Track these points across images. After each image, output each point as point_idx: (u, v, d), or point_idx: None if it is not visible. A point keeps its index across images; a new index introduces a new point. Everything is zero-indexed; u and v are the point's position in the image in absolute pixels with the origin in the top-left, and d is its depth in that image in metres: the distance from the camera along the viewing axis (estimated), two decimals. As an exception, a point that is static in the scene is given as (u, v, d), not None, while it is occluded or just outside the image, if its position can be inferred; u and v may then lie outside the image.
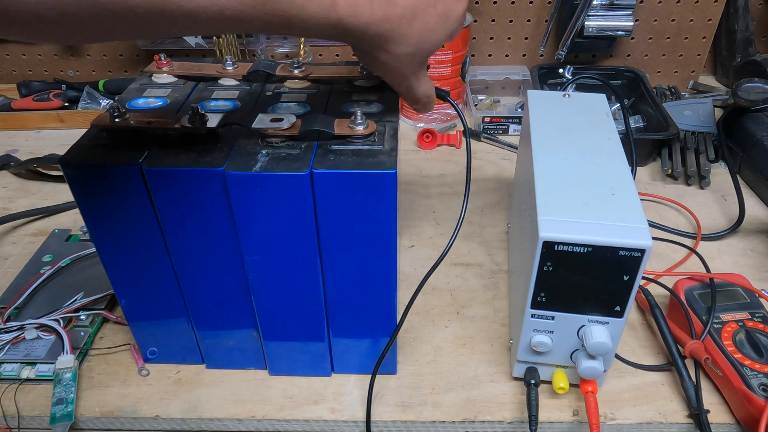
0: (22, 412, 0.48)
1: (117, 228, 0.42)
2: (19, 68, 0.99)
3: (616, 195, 0.43)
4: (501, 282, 0.61)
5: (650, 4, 0.90)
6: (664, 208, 0.71)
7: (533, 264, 0.41)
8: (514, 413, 0.48)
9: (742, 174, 0.76)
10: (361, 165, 0.38)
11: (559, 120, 0.53)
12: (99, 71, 0.99)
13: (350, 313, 0.46)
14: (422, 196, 0.74)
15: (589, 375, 0.45)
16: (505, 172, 0.78)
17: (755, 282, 0.56)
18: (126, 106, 0.44)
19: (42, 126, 0.89)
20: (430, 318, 0.57)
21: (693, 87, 0.97)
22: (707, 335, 0.49)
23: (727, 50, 0.95)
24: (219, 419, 0.48)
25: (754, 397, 0.44)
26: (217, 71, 0.49)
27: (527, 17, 0.92)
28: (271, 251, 0.42)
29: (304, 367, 0.50)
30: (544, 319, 0.44)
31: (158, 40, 0.94)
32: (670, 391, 0.49)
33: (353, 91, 0.48)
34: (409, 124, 0.90)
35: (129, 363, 0.52)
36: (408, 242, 0.66)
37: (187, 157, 0.39)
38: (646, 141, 0.77)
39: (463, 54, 0.84)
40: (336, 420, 0.48)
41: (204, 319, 0.48)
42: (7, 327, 0.53)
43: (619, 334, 0.43)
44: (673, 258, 0.63)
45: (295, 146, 0.40)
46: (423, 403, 0.49)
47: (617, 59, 0.96)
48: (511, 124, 0.85)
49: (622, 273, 0.40)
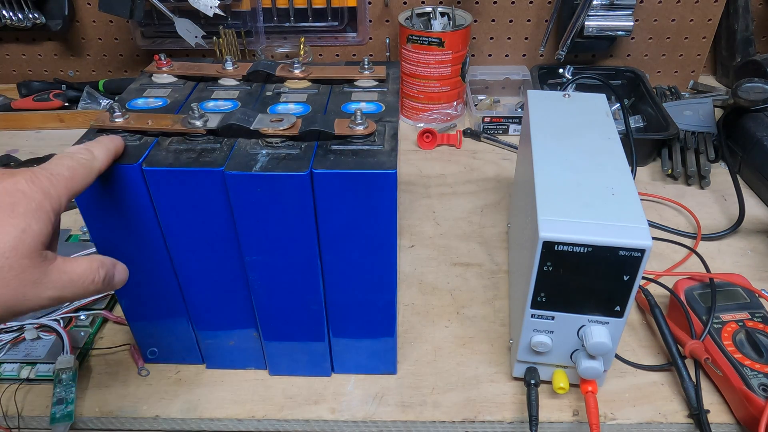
0: (22, 412, 0.48)
1: (117, 228, 0.42)
2: (19, 68, 0.98)
3: (616, 195, 0.43)
4: (501, 282, 0.61)
5: (650, 4, 0.90)
6: (664, 208, 0.71)
7: (533, 264, 0.41)
8: (514, 413, 0.48)
9: (742, 174, 0.76)
10: (361, 165, 0.38)
11: (559, 120, 0.53)
12: (99, 71, 0.99)
13: (350, 313, 0.46)
14: (422, 196, 0.74)
15: (589, 375, 0.45)
16: (505, 172, 0.78)
17: (755, 282, 0.56)
18: (126, 106, 0.44)
19: (42, 126, 0.89)
20: (430, 318, 0.57)
21: (693, 87, 0.97)
22: (707, 335, 0.49)
23: (727, 50, 0.94)
24: (219, 419, 0.48)
25: (754, 397, 0.44)
26: (217, 71, 0.49)
27: (527, 17, 0.92)
28: (271, 251, 0.41)
29: (304, 367, 0.50)
30: (544, 319, 0.44)
31: (158, 40, 0.94)
32: (670, 391, 0.49)
33: (353, 91, 0.48)
34: (409, 124, 0.90)
35: (129, 363, 0.52)
36: (408, 242, 0.66)
37: (187, 157, 0.39)
38: (646, 141, 0.77)
39: (463, 54, 0.84)
40: (336, 420, 0.48)
41: (204, 319, 0.48)
42: (7, 327, 0.53)
43: (619, 334, 0.43)
44: (673, 258, 0.63)
45: (295, 146, 0.40)
46: (423, 403, 0.49)
47: (617, 59, 0.96)
48: (511, 124, 0.85)
49: (622, 273, 0.40)
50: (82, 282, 0.31)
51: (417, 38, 0.81)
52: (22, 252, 0.28)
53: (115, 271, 0.34)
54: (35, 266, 0.28)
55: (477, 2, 0.90)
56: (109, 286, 0.34)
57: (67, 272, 0.30)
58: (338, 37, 0.94)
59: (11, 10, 0.89)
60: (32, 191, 0.29)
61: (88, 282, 0.31)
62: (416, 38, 0.81)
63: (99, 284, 0.32)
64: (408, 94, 0.88)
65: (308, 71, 0.49)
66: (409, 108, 0.89)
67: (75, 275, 0.31)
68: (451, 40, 0.81)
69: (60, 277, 0.30)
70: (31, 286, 0.28)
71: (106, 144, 0.36)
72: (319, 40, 0.94)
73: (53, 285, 0.29)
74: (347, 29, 0.94)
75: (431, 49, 0.81)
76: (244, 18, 0.90)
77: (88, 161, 0.34)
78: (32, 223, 0.28)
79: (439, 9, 0.86)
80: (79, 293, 0.31)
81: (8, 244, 0.27)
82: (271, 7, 0.90)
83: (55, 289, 0.29)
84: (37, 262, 0.29)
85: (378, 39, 0.94)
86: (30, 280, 0.28)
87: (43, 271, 0.29)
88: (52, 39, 0.95)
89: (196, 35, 0.84)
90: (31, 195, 0.29)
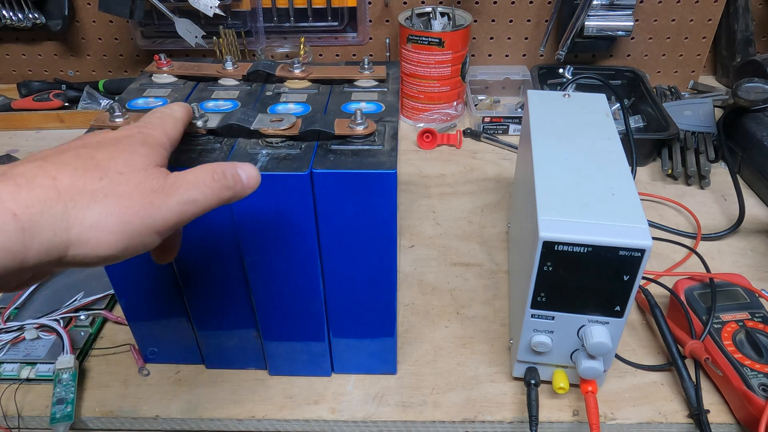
0: (22, 412, 0.48)
1: (117, 228, 0.42)
2: (19, 68, 0.98)
3: (616, 195, 0.43)
4: (501, 282, 0.61)
5: (650, 4, 0.90)
6: (664, 208, 0.71)
7: (533, 264, 0.41)
8: (514, 413, 0.48)
9: (742, 174, 0.76)
10: (361, 165, 0.38)
11: (559, 120, 0.53)
12: (99, 71, 0.99)
13: (350, 313, 0.46)
14: (422, 196, 0.74)
15: (589, 375, 0.45)
16: (505, 172, 0.78)
17: (755, 282, 0.56)
18: (126, 106, 0.44)
19: (42, 126, 0.89)
20: (430, 318, 0.57)
21: (693, 87, 0.97)
22: (707, 335, 0.49)
23: (727, 50, 0.95)
24: (219, 419, 0.48)
25: (754, 397, 0.44)
26: (217, 71, 0.49)
27: (527, 17, 0.92)
28: (271, 251, 0.41)
29: (304, 367, 0.50)
30: (544, 319, 0.44)
31: (158, 40, 0.94)
32: (670, 391, 0.49)
33: (353, 91, 0.48)
34: (409, 124, 0.90)
35: (129, 363, 0.52)
36: (408, 242, 0.66)
37: (187, 158, 0.39)
38: (646, 141, 0.77)
39: (463, 54, 0.84)
40: (336, 420, 0.48)
41: (204, 319, 0.48)
42: (7, 327, 0.53)
43: (619, 334, 0.43)
44: (673, 258, 0.63)
45: (295, 146, 0.40)
46: (423, 403, 0.49)
47: (617, 59, 0.96)
48: (511, 124, 0.85)
49: (622, 273, 0.40)
50: (203, 180, 0.31)
51: (417, 38, 0.81)
52: (135, 167, 0.29)
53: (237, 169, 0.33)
54: (152, 176, 0.29)
55: (477, 2, 0.90)
56: (238, 184, 0.33)
57: (185, 176, 0.31)
58: (338, 37, 0.94)
59: (11, 10, 0.89)
60: (132, 132, 0.32)
61: (208, 180, 0.31)
62: (416, 38, 0.82)
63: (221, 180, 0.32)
64: (408, 94, 0.88)
65: (308, 71, 0.49)
66: (409, 108, 0.89)
67: (192, 176, 0.31)
68: (451, 40, 0.81)
69: (180, 182, 0.30)
70: (155, 194, 0.29)
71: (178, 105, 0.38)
72: (319, 40, 0.94)
73: (176, 190, 0.30)
74: (347, 29, 0.94)
75: (431, 49, 0.81)
76: (244, 18, 0.90)
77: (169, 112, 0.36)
78: (138, 147, 0.30)
79: (439, 9, 0.87)
80: (207, 194, 0.31)
81: (120, 163, 0.29)
82: (271, 7, 0.90)
83: (180, 192, 0.30)
84: (152, 172, 0.30)
85: (378, 39, 0.94)
86: (150, 188, 0.29)
87: (161, 179, 0.30)
88: (52, 39, 0.95)
89: (196, 35, 0.84)
90: (131, 134, 0.32)
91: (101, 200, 0.27)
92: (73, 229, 0.26)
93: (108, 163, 0.29)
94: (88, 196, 0.27)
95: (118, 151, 0.30)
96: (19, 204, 0.25)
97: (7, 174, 0.26)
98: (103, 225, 0.27)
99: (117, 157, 0.29)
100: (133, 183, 0.29)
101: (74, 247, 0.27)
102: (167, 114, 0.36)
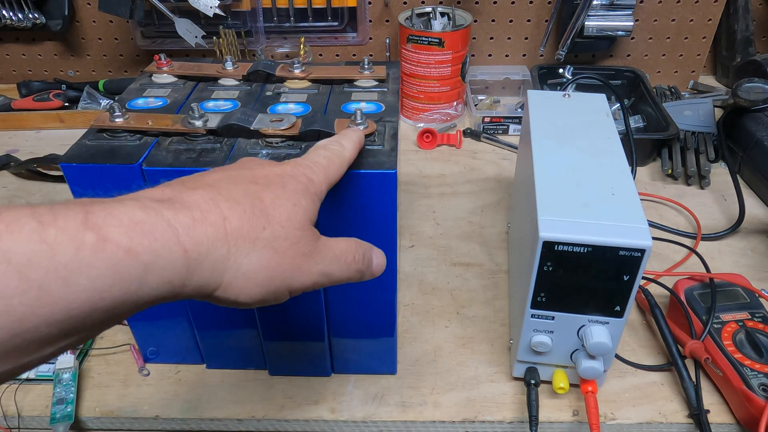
0: (22, 412, 0.48)
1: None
2: (19, 68, 0.98)
3: (616, 195, 0.43)
4: (501, 282, 0.61)
5: (650, 4, 0.90)
6: (664, 208, 0.71)
7: (533, 264, 0.41)
8: (514, 413, 0.48)
9: (742, 174, 0.76)
10: (361, 165, 0.38)
11: (559, 120, 0.53)
12: (99, 71, 0.99)
13: (350, 313, 0.46)
14: (422, 196, 0.74)
15: (589, 375, 0.45)
16: (505, 172, 0.78)
17: (755, 282, 0.56)
18: (126, 106, 0.44)
19: (42, 126, 0.89)
20: (430, 318, 0.57)
21: (693, 87, 0.97)
22: (707, 335, 0.49)
23: (727, 50, 0.94)
24: (219, 419, 0.48)
25: (754, 397, 0.44)
26: (217, 71, 0.49)
27: (527, 17, 0.92)
28: (271, 251, 0.41)
29: (304, 367, 0.50)
30: (544, 319, 0.44)
31: (158, 40, 0.94)
32: (670, 391, 0.49)
33: (353, 91, 0.48)
34: (409, 124, 0.90)
35: (129, 363, 0.52)
36: (408, 242, 0.66)
37: (187, 157, 0.39)
38: (646, 141, 0.77)
39: (463, 54, 0.84)
40: (336, 420, 0.48)
41: (204, 319, 0.48)
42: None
43: (619, 334, 0.43)
44: (673, 258, 0.63)
45: (295, 146, 0.40)
46: (423, 403, 0.49)
47: (617, 59, 0.96)
48: (511, 124, 0.85)
49: (622, 273, 0.40)
50: (344, 258, 0.31)
51: (417, 38, 0.81)
52: (295, 223, 0.29)
53: (373, 254, 0.34)
54: (307, 238, 0.29)
55: (477, 2, 0.90)
56: (368, 269, 0.33)
57: (331, 247, 0.31)
58: (338, 37, 0.94)
59: (11, 10, 0.89)
60: (298, 174, 0.31)
61: (350, 259, 0.31)
62: (416, 38, 0.82)
63: (359, 263, 0.32)
64: (408, 94, 0.88)
65: (308, 71, 0.49)
66: (409, 108, 0.89)
67: (338, 251, 0.31)
68: (451, 40, 0.81)
69: (327, 252, 0.30)
70: (304, 258, 0.29)
71: (352, 136, 0.37)
72: (319, 40, 0.94)
73: (322, 259, 0.30)
74: (347, 29, 0.94)
75: (431, 49, 0.81)
76: (244, 18, 0.90)
77: (339, 151, 0.35)
78: (301, 199, 0.30)
79: (439, 9, 0.86)
80: (344, 272, 0.31)
81: (284, 215, 0.28)
82: (271, 7, 0.90)
83: (324, 263, 0.30)
84: (308, 234, 0.29)
85: (378, 39, 0.94)
86: (302, 251, 0.29)
87: (313, 244, 0.30)
88: (52, 39, 0.95)
89: (196, 35, 0.84)
90: (297, 177, 0.31)
91: (259, 250, 0.27)
92: (227, 273, 0.26)
93: (273, 210, 0.28)
94: (250, 244, 0.27)
95: (284, 196, 0.29)
96: (192, 240, 0.25)
97: (182, 202, 0.26)
98: (253, 276, 0.27)
99: (282, 205, 0.29)
100: (290, 241, 0.28)
101: (221, 290, 0.27)
102: (336, 154, 0.34)
